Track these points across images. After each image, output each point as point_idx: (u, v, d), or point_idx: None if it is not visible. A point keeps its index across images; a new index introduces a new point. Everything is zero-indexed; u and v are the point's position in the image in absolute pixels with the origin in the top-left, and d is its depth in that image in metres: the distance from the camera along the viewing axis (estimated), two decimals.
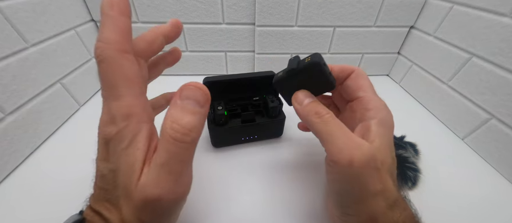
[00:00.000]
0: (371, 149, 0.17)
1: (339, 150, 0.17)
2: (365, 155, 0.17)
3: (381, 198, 0.17)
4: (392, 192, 0.17)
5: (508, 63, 0.31)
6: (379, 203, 0.17)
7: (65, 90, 0.38)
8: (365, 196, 0.17)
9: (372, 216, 0.17)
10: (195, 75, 0.54)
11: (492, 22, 0.33)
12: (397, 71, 0.54)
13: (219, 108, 0.31)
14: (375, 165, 0.17)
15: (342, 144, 0.17)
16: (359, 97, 0.21)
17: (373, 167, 0.17)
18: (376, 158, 0.17)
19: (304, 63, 0.21)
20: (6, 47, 0.29)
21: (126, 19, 0.15)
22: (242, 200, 0.28)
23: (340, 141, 0.17)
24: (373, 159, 0.17)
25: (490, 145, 0.34)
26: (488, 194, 0.30)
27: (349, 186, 0.18)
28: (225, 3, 0.43)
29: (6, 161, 0.29)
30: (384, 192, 0.17)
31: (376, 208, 0.17)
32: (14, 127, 0.30)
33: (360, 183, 0.17)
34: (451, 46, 0.40)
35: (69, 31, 0.39)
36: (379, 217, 0.17)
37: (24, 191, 0.28)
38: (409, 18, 0.47)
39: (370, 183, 0.17)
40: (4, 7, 0.28)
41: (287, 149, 0.35)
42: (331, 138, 0.18)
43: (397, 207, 0.17)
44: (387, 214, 0.17)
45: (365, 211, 0.17)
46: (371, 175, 0.17)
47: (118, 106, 0.15)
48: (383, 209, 0.17)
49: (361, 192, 0.17)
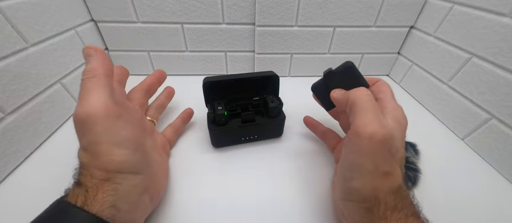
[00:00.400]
0: (392, 131, 0.19)
1: (366, 123, 0.19)
2: (385, 134, 0.18)
3: (387, 180, 0.19)
4: (398, 179, 0.19)
5: (508, 63, 0.31)
6: (384, 183, 0.18)
7: (65, 90, 0.38)
8: (374, 172, 0.19)
9: (374, 192, 0.18)
10: (195, 75, 0.54)
11: (492, 22, 0.33)
12: (397, 71, 0.54)
13: (219, 108, 0.31)
14: (390, 146, 0.19)
15: (370, 119, 0.19)
16: (378, 98, 0.23)
17: (388, 148, 0.19)
18: (393, 140, 0.19)
19: (338, 68, 0.25)
20: (6, 47, 0.29)
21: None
22: (242, 200, 0.28)
23: (369, 117, 0.19)
24: (391, 140, 0.19)
25: (490, 145, 0.34)
26: (488, 194, 0.30)
27: (362, 159, 0.19)
28: (225, 3, 0.43)
29: (6, 161, 0.29)
30: (390, 175, 0.19)
31: (381, 186, 0.18)
32: (14, 127, 0.30)
33: (373, 158, 0.18)
34: (451, 46, 0.40)
35: (69, 31, 0.39)
36: (380, 196, 0.18)
37: (24, 191, 0.28)
38: (409, 18, 0.47)
39: (381, 162, 0.18)
40: (4, 7, 0.28)
41: (287, 149, 0.35)
42: (363, 113, 0.20)
43: (399, 194, 0.19)
44: (388, 196, 0.18)
45: (371, 185, 0.19)
46: (384, 155, 0.19)
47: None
48: (386, 190, 0.18)
49: (372, 166, 0.19)
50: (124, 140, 0.20)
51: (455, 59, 0.39)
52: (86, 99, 0.19)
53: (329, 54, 0.52)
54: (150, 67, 0.52)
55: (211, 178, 0.30)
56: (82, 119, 0.19)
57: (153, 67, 0.52)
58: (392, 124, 0.20)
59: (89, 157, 0.19)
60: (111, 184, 0.19)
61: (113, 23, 0.45)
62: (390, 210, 0.18)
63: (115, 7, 0.43)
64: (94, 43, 0.45)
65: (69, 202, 0.18)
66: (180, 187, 0.29)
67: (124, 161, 0.20)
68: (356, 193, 0.20)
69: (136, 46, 0.48)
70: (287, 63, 0.53)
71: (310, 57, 0.52)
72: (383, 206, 0.18)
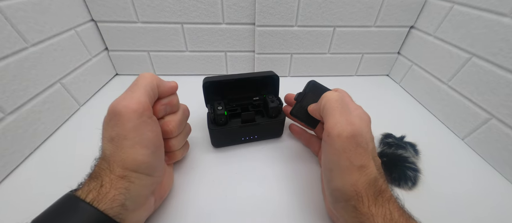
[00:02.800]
0: (359, 128, 0.21)
1: (335, 123, 0.21)
2: (353, 130, 0.20)
3: (363, 173, 0.20)
4: (373, 170, 0.20)
5: (508, 63, 0.31)
6: (361, 177, 0.20)
7: (65, 90, 0.38)
8: (350, 167, 0.20)
9: (354, 187, 0.20)
10: (195, 75, 0.54)
11: (492, 22, 0.33)
12: (397, 71, 0.54)
13: (219, 108, 0.31)
14: (359, 141, 0.20)
15: (338, 119, 0.21)
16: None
17: (358, 142, 0.20)
18: (361, 135, 0.21)
19: (306, 88, 0.29)
20: (6, 47, 0.29)
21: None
22: (242, 200, 0.28)
23: (337, 117, 0.21)
24: (359, 135, 0.20)
25: (490, 145, 0.34)
26: (488, 194, 0.30)
27: (337, 156, 0.21)
28: (225, 3, 0.43)
29: (6, 161, 0.29)
30: (365, 168, 0.20)
31: (359, 180, 0.20)
32: (14, 127, 0.30)
33: (346, 153, 0.20)
34: (451, 46, 0.40)
35: (69, 31, 0.39)
36: (360, 190, 0.20)
37: (24, 191, 0.28)
38: (409, 18, 0.47)
39: (354, 156, 0.20)
40: (4, 7, 0.28)
41: (287, 149, 0.35)
42: (332, 114, 0.22)
43: (377, 186, 0.20)
44: (368, 190, 0.20)
45: (349, 181, 0.20)
46: (356, 150, 0.20)
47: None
48: (364, 184, 0.20)
49: (347, 162, 0.20)
50: (148, 141, 0.21)
51: (455, 59, 0.39)
52: (130, 96, 0.21)
53: (329, 54, 0.52)
54: (150, 67, 0.52)
55: (211, 178, 0.30)
56: (119, 110, 0.20)
57: (153, 67, 0.52)
58: (357, 121, 0.22)
59: (114, 149, 0.20)
60: (125, 182, 0.19)
61: (113, 23, 0.45)
62: (373, 205, 0.19)
63: (115, 7, 0.43)
64: (94, 43, 0.45)
65: (78, 197, 0.18)
66: (180, 187, 0.29)
67: (143, 161, 0.20)
68: (339, 192, 0.21)
69: (136, 46, 0.48)
70: (287, 63, 0.53)
71: (310, 57, 0.52)
72: (366, 201, 0.19)
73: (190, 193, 0.28)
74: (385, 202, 0.19)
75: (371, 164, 0.21)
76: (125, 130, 0.20)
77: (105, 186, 0.18)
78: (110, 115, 0.21)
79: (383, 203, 0.19)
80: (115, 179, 0.19)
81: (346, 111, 0.22)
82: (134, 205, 0.20)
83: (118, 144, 0.20)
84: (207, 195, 0.28)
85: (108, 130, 0.21)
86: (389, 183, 0.29)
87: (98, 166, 0.20)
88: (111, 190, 0.18)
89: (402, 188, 0.29)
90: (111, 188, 0.18)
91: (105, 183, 0.19)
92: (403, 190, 0.29)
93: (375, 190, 0.20)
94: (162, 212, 0.26)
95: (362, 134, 0.21)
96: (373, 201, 0.19)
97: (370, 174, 0.20)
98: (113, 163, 0.19)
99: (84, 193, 0.18)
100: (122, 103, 0.20)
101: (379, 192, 0.20)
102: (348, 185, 0.20)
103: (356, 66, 0.55)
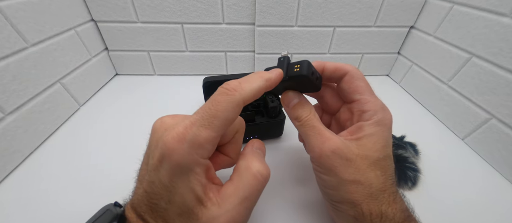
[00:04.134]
0: (337, 143, 0.19)
1: (312, 147, 0.20)
2: (330, 147, 0.19)
3: (360, 187, 0.18)
4: (373, 183, 0.18)
5: (508, 63, 0.31)
6: (358, 191, 0.18)
7: (65, 90, 0.38)
8: (341, 184, 0.19)
9: (353, 202, 0.19)
10: (195, 75, 0.54)
11: (492, 22, 0.33)
12: (397, 71, 0.54)
13: None
14: (343, 155, 0.19)
15: (314, 141, 0.20)
16: (355, 100, 0.21)
17: (342, 158, 0.19)
18: (342, 149, 0.19)
19: (293, 73, 0.20)
20: (6, 47, 0.29)
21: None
22: None
23: (313, 139, 0.20)
24: (339, 150, 0.19)
25: (490, 145, 0.34)
26: (488, 194, 0.30)
27: (326, 175, 0.20)
28: (225, 3, 0.43)
29: (6, 161, 0.29)
30: (360, 182, 0.18)
31: (355, 195, 0.18)
32: (14, 127, 0.30)
33: (333, 172, 0.19)
34: (451, 46, 0.40)
35: (69, 31, 0.39)
36: (362, 205, 0.18)
37: (24, 191, 0.28)
38: (409, 18, 0.47)
39: (341, 172, 0.19)
40: (4, 7, 0.28)
41: (287, 149, 0.35)
42: (307, 138, 0.20)
43: (383, 199, 0.18)
44: (370, 203, 0.18)
45: (346, 197, 0.19)
46: (341, 165, 0.19)
47: (207, 134, 0.15)
48: (364, 197, 0.18)
49: (336, 180, 0.19)
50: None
51: (455, 59, 0.39)
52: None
53: (329, 54, 0.52)
54: (150, 67, 0.52)
55: None
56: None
57: (153, 67, 0.52)
58: (364, 133, 0.19)
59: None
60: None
61: (113, 23, 0.45)
62: (378, 218, 0.18)
63: (115, 7, 0.43)
64: (94, 43, 0.45)
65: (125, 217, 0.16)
66: None
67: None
68: (340, 206, 0.20)
69: (136, 46, 0.48)
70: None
71: (310, 57, 0.52)
72: (368, 214, 0.18)
73: None
74: (394, 219, 0.18)
75: (369, 175, 0.19)
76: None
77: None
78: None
79: (392, 221, 0.18)
80: None
81: (321, 129, 0.20)
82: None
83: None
84: None
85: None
86: None
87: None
88: None
89: (402, 188, 0.29)
90: None
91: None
92: (403, 190, 0.29)
93: (378, 202, 0.18)
94: None
95: (361, 147, 0.19)
96: (379, 215, 0.18)
97: (371, 187, 0.18)
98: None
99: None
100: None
101: (387, 204, 0.18)
102: (346, 202, 0.19)
103: (356, 66, 0.55)
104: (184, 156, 0.14)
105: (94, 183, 0.28)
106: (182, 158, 0.14)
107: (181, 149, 0.14)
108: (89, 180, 0.29)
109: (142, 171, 0.17)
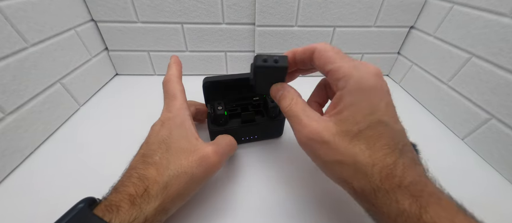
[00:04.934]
0: (313, 128, 0.19)
1: (295, 135, 0.21)
2: (306, 135, 0.19)
3: (344, 167, 0.18)
4: (358, 159, 0.17)
5: (508, 63, 0.31)
6: (343, 171, 0.18)
7: (65, 90, 0.38)
8: (326, 166, 0.20)
9: (344, 180, 0.19)
10: (195, 75, 0.54)
11: (492, 22, 0.33)
12: (397, 71, 0.54)
13: (219, 108, 0.31)
14: (320, 139, 0.19)
15: (294, 130, 0.21)
16: (328, 71, 0.20)
17: (318, 142, 0.19)
18: (317, 133, 0.19)
19: (252, 69, 0.24)
20: (6, 47, 0.29)
21: (180, 68, 0.27)
22: (242, 200, 0.28)
23: (294, 128, 0.21)
24: (315, 135, 0.19)
25: (490, 145, 0.34)
26: (488, 194, 0.30)
27: (313, 160, 0.21)
28: (225, 3, 0.43)
29: (6, 161, 0.29)
30: (342, 162, 0.18)
31: (343, 174, 0.18)
32: (14, 127, 0.30)
33: (315, 156, 0.20)
34: (451, 46, 0.40)
35: (69, 31, 0.39)
36: (352, 183, 0.18)
37: (24, 191, 0.28)
38: (409, 18, 0.47)
39: (322, 155, 0.19)
40: (4, 7, 0.28)
41: (287, 149, 0.35)
42: (292, 127, 0.22)
43: (375, 174, 0.17)
44: (360, 180, 0.17)
45: (336, 177, 0.20)
46: (320, 149, 0.19)
47: (175, 103, 0.24)
48: (351, 175, 0.18)
49: (320, 163, 0.20)
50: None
51: (455, 59, 0.39)
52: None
53: None
54: (150, 67, 0.52)
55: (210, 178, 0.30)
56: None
57: (153, 67, 0.52)
58: (344, 104, 0.18)
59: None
60: (165, 215, 0.21)
61: (113, 23, 0.45)
62: (373, 195, 0.17)
63: (115, 7, 0.43)
64: (94, 43, 0.45)
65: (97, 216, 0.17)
66: None
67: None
68: (336, 182, 0.21)
69: (136, 46, 0.48)
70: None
71: None
72: (360, 192, 0.18)
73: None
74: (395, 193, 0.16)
75: (349, 152, 0.18)
76: (208, 173, 0.23)
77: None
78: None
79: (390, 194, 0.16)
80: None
81: (300, 115, 0.21)
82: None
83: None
84: (207, 195, 0.28)
85: (196, 168, 0.22)
86: None
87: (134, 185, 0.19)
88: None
89: None
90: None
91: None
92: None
93: (370, 178, 0.17)
94: None
95: (341, 124, 0.19)
96: (373, 191, 0.17)
97: (355, 163, 0.17)
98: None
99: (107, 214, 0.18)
100: (212, 153, 0.23)
101: (384, 179, 0.17)
102: (336, 179, 0.20)
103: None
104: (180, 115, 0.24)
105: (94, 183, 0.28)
106: (179, 116, 0.24)
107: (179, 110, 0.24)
108: (89, 180, 0.29)
109: (135, 157, 0.22)
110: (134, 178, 0.20)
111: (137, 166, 0.21)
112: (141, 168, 0.20)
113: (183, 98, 0.25)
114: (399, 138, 0.18)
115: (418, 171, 0.18)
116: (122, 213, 0.17)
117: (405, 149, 0.18)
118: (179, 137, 0.22)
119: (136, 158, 0.22)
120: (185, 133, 0.23)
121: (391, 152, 0.17)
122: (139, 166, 0.21)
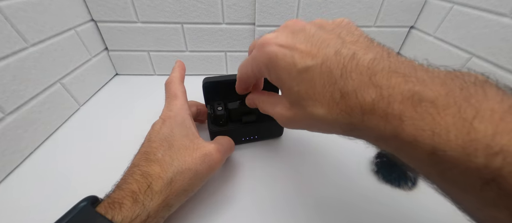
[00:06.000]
0: (282, 115, 0.21)
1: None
2: (283, 123, 0.21)
3: (318, 125, 0.18)
4: (317, 113, 0.17)
5: (508, 63, 0.31)
6: (322, 127, 0.18)
7: (65, 90, 0.38)
8: (315, 130, 0.20)
9: (336, 132, 0.18)
10: (195, 75, 0.54)
11: (492, 22, 0.33)
12: None
13: (219, 109, 0.31)
14: (288, 120, 0.20)
15: (275, 117, 0.22)
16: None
17: (290, 121, 0.20)
18: (284, 116, 0.20)
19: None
20: (6, 47, 0.29)
21: (183, 72, 0.29)
22: (242, 200, 0.28)
23: (274, 116, 0.22)
24: (285, 119, 0.20)
25: None
26: None
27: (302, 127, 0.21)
28: (225, 3, 0.43)
29: (6, 161, 0.29)
30: (312, 125, 0.19)
31: (326, 130, 0.18)
32: (14, 127, 0.30)
33: (305, 129, 0.20)
34: (451, 46, 0.40)
35: (69, 31, 0.39)
36: (337, 129, 0.17)
37: (24, 191, 0.28)
38: (409, 18, 0.47)
39: (303, 127, 0.20)
40: (4, 7, 0.28)
41: (287, 149, 0.35)
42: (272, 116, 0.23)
43: (336, 108, 0.16)
44: (335, 124, 0.16)
45: (330, 132, 0.19)
46: (296, 125, 0.20)
47: (176, 102, 0.25)
48: (329, 125, 0.17)
49: (315, 131, 0.20)
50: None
51: (455, 59, 0.39)
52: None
53: None
54: (150, 67, 0.52)
55: (211, 178, 0.30)
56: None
57: (153, 67, 0.52)
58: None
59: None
60: (167, 211, 0.21)
61: (113, 23, 0.45)
62: (355, 124, 0.16)
63: (115, 7, 0.43)
64: (94, 43, 0.45)
65: (98, 213, 0.17)
66: None
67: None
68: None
69: (136, 46, 0.48)
70: None
71: None
72: (350, 129, 0.17)
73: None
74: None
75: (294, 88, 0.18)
76: (210, 170, 0.24)
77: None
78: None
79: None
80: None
81: (267, 105, 0.23)
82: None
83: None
84: (207, 195, 0.28)
85: (199, 165, 0.23)
86: (388, 183, 0.29)
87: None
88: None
89: (402, 188, 0.29)
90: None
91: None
92: (403, 190, 0.29)
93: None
94: None
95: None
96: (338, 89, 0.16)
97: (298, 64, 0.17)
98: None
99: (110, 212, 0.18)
100: (214, 151, 0.24)
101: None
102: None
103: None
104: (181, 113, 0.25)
105: (95, 183, 0.28)
106: (180, 115, 0.24)
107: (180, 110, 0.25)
108: (90, 179, 0.29)
109: (137, 155, 0.23)
110: (136, 175, 0.20)
111: (140, 163, 0.21)
112: (144, 165, 0.21)
113: (184, 98, 0.26)
114: (322, 47, 0.17)
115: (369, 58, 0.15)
116: (124, 210, 0.18)
117: (343, 48, 0.17)
118: (180, 135, 0.23)
119: (138, 156, 0.22)
120: (186, 131, 0.23)
121: (328, 72, 0.16)
122: (141, 163, 0.21)
